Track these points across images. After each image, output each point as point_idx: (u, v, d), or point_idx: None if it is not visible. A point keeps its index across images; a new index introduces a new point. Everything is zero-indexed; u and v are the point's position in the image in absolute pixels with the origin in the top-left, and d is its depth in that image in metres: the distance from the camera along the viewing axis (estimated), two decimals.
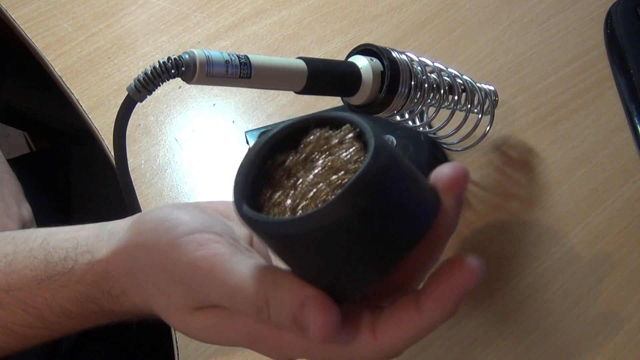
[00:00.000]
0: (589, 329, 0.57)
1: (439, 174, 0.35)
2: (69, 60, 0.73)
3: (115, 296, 0.40)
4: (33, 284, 0.41)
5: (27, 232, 0.44)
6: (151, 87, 0.46)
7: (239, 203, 0.34)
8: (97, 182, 0.92)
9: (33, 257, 0.41)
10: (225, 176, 0.66)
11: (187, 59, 0.45)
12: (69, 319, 0.41)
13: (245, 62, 0.48)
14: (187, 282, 0.36)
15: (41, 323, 0.41)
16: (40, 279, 0.41)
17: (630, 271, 0.60)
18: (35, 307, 0.41)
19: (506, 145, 0.67)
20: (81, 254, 0.40)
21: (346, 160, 0.34)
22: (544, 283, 0.59)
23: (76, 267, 0.40)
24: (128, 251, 0.39)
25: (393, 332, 0.35)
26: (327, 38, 0.75)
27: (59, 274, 0.40)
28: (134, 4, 0.78)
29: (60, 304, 0.41)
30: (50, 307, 0.41)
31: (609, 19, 0.75)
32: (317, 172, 0.34)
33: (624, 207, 0.63)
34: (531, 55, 0.73)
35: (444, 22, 0.76)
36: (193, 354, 0.56)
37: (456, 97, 0.60)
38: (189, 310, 0.37)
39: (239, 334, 0.37)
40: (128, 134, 0.47)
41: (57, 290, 0.40)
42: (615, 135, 0.68)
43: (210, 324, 0.37)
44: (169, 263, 0.36)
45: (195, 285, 0.36)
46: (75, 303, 0.40)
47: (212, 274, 0.35)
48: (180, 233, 0.36)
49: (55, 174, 0.95)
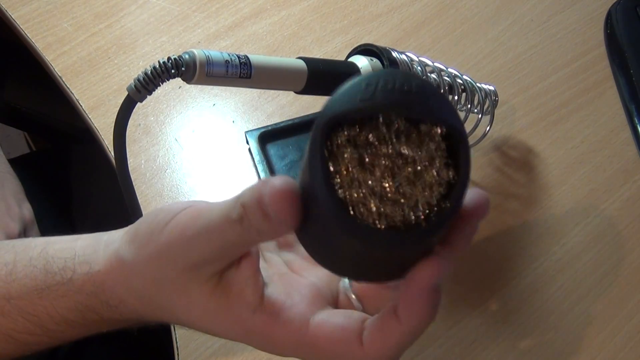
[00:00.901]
0: (589, 329, 0.57)
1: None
2: (69, 60, 0.73)
3: (114, 306, 0.40)
4: (33, 293, 0.41)
5: (27, 241, 0.44)
6: (151, 87, 0.46)
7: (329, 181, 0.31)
8: (97, 182, 0.92)
9: (33, 267, 0.41)
10: (225, 176, 0.66)
11: (187, 59, 0.45)
12: (70, 327, 0.41)
13: (245, 62, 0.48)
14: (177, 251, 0.36)
15: (42, 331, 0.42)
16: (40, 288, 0.41)
17: (630, 271, 0.60)
18: (36, 315, 0.41)
19: (506, 145, 0.67)
20: (79, 264, 0.40)
21: (431, 165, 0.32)
22: (544, 283, 0.59)
23: (75, 278, 0.40)
24: (122, 261, 0.39)
25: (378, 341, 0.35)
26: (327, 38, 0.75)
27: (58, 284, 0.40)
28: (134, 4, 0.78)
29: (61, 313, 0.41)
30: (50, 315, 0.41)
31: (609, 19, 0.75)
32: (403, 173, 0.32)
33: (624, 207, 0.63)
34: (531, 55, 0.73)
35: (444, 22, 0.76)
36: (193, 354, 0.56)
37: (456, 97, 0.60)
38: (190, 290, 0.37)
39: (236, 324, 0.37)
40: (128, 134, 0.47)
41: (57, 300, 0.40)
42: (615, 135, 0.68)
43: (211, 308, 0.37)
44: (160, 247, 0.37)
45: (184, 250, 0.36)
46: (75, 312, 0.41)
47: (193, 222, 0.35)
48: (166, 218, 0.37)
49: (56, 173, 0.95)
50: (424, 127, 0.32)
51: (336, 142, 0.32)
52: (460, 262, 0.61)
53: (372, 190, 0.31)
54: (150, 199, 0.64)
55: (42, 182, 0.92)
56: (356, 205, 0.31)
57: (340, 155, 0.31)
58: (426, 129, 0.32)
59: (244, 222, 0.33)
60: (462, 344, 0.57)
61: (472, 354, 0.56)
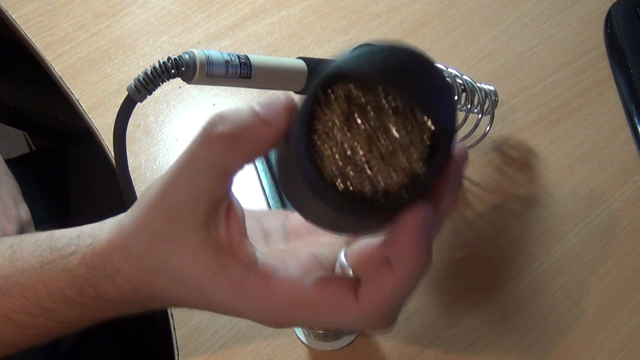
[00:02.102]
0: (589, 329, 0.57)
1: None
2: (69, 60, 0.73)
3: (110, 276, 0.40)
4: (35, 269, 0.42)
5: (34, 233, 0.45)
6: (151, 87, 0.46)
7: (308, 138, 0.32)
8: (97, 182, 0.92)
9: (38, 246, 0.43)
10: None
11: (187, 59, 0.45)
12: (67, 305, 0.42)
13: (245, 62, 0.48)
14: (162, 196, 0.38)
15: (39, 311, 0.42)
16: (42, 263, 0.42)
17: (630, 271, 0.60)
18: (34, 292, 0.42)
19: (506, 145, 0.67)
20: (83, 239, 0.42)
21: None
22: (544, 283, 0.59)
23: (77, 250, 0.41)
24: (122, 225, 0.40)
25: (373, 293, 0.35)
26: (327, 38, 0.75)
27: (60, 258, 0.41)
28: (134, 4, 0.78)
29: (59, 289, 0.41)
30: (49, 292, 0.42)
31: (609, 19, 0.75)
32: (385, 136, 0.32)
33: (624, 207, 0.63)
34: (531, 55, 0.73)
35: (444, 22, 0.76)
36: (193, 354, 0.56)
37: (456, 97, 0.60)
38: (180, 243, 0.38)
39: (229, 283, 0.37)
40: (128, 134, 0.47)
41: (57, 274, 0.41)
42: (615, 135, 0.68)
43: (203, 265, 0.38)
44: (149, 199, 0.39)
45: (167, 193, 0.38)
46: (73, 287, 0.41)
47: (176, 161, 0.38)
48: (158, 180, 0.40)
49: (55, 173, 0.95)
50: (419, 117, 0.33)
51: (337, 91, 0.32)
52: (460, 262, 0.61)
53: (343, 148, 0.32)
54: None
55: (41, 182, 0.92)
56: (324, 157, 0.32)
57: (332, 103, 0.32)
58: (420, 119, 0.33)
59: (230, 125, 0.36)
60: (462, 344, 0.57)
61: (472, 354, 0.56)
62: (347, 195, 0.32)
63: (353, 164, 0.32)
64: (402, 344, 0.57)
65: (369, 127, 0.32)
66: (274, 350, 0.56)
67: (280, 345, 0.56)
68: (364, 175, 0.32)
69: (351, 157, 0.32)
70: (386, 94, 0.32)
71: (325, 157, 0.32)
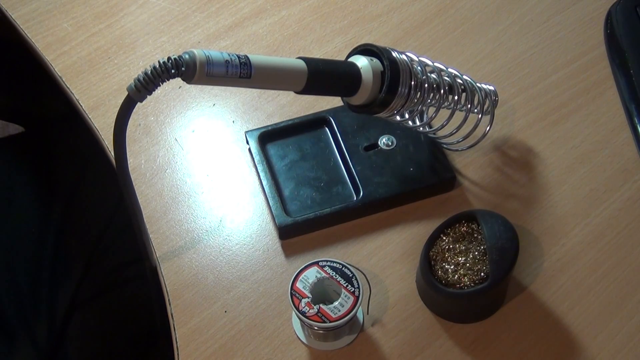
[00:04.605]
0: (589, 329, 0.57)
1: None
2: (69, 60, 0.73)
3: None
4: None
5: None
6: (151, 87, 0.46)
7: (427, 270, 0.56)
8: (96, 182, 0.92)
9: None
10: (225, 176, 0.66)
11: (187, 59, 0.45)
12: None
13: (245, 62, 0.48)
14: None
15: None
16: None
17: (630, 271, 0.60)
18: None
19: (506, 145, 0.67)
20: None
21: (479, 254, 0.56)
22: (544, 283, 0.59)
23: None
24: None
25: None
26: (327, 38, 0.75)
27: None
28: (134, 4, 0.78)
29: None
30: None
31: (609, 19, 0.75)
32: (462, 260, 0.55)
33: (624, 207, 0.64)
34: (531, 55, 0.73)
35: (444, 22, 0.76)
36: (193, 354, 0.56)
37: (456, 97, 0.60)
38: None
39: None
40: (128, 134, 0.47)
41: None
42: (615, 135, 0.68)
43: None
44: None
45: None
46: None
47: None
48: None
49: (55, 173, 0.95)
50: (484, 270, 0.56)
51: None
52: None
53: (447, 262, 0.56)
54: (150, 199, 0.64)
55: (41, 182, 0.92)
56: (439, 269, 0.56)
57: (441, 240, 0.57)
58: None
59: None
60: (462, 344, 0.57)
61: (472, 354, 0.56)
62: (453, 287, 0.55)
63: (450, 270, 0.56)
64: (402, 344, 0.57)
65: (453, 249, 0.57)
66: (274, 350, 0.56)
67: (280, 345, 0.57)
68: (458, 274, 0.55)
69: (453, 266, 0.56)
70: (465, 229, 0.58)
71: (440, 270, 0.56)
